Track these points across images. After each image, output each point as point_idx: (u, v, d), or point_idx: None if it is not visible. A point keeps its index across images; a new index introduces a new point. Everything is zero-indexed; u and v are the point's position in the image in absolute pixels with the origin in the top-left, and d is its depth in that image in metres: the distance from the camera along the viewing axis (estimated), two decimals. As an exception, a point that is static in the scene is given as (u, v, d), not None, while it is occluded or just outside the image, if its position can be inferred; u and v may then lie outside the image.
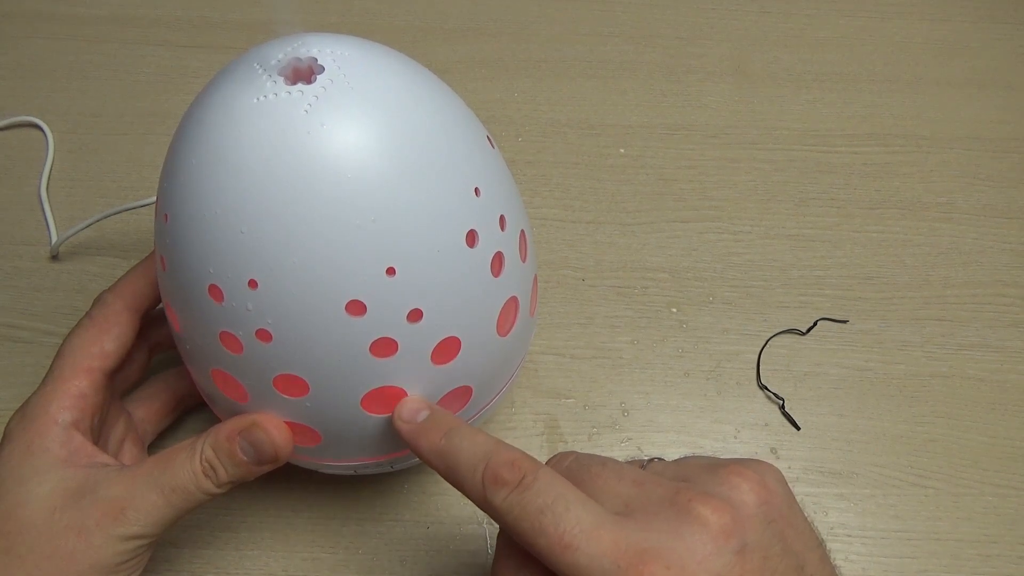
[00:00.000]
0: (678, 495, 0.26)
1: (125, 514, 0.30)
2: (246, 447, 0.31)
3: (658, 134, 0.54)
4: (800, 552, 0.26)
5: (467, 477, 0.28)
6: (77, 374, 0.33)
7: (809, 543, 0.27)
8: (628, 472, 0.28)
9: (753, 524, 0.26)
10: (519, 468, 0.27)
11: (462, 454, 0.28)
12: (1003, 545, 0.41)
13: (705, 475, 0.27)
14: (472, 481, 0.27)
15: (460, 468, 0.28)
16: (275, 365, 0.29)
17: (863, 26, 0.60)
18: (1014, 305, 0.48)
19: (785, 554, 0.26)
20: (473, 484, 0.27)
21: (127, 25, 0.57)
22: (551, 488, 0.26)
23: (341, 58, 0.27)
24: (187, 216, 0.27)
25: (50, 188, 0.50)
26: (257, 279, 0.26)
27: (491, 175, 0.30)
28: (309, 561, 0.39)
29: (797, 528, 0.27)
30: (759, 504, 0.26)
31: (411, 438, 0.30)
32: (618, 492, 0.27)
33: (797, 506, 0.28)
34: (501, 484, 0.26)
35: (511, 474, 0.26)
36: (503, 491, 0.26)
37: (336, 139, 0.26)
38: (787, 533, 0.26)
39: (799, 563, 0.26)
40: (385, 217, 0.26)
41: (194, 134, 0.27)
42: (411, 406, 0.30)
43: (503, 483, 0.26)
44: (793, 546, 0.26)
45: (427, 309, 0.28)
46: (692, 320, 0.47)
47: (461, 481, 0.28)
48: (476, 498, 0.27)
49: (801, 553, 0.26)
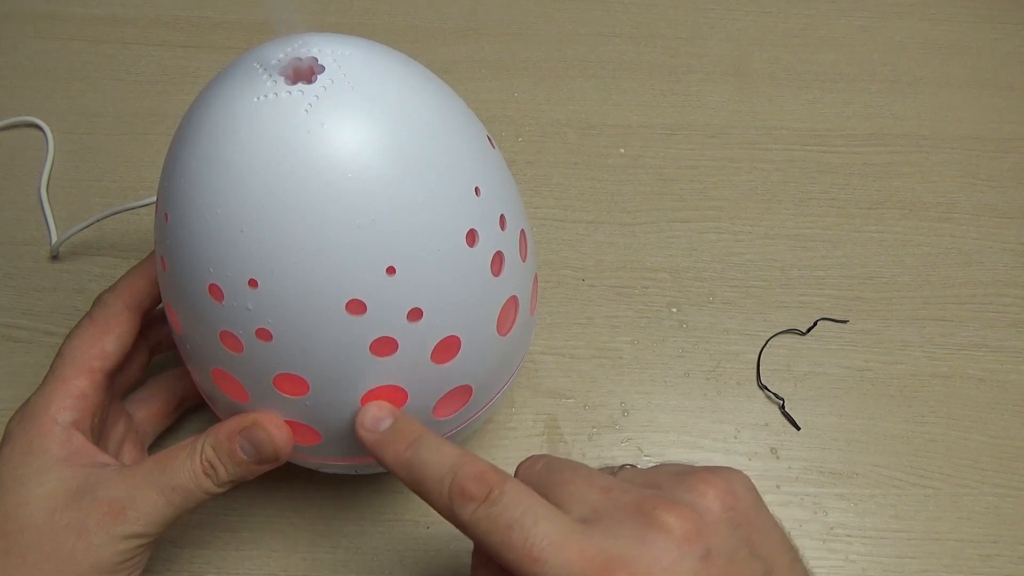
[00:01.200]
0: (644, 502, 0.26)
1: (125, 514, 0.30)
2: (246, 446, 0.31)
3: (658, 134, 0.54)
4: (767, 556, 0.27)
5: (434, 490, 0.27)
6: (77, 374, 0.33)
7: (778, 548, 0.27)
8: (597, 479, 0.28)
9: (718, 529, 0.26)
10: (486, 482, 0.27)
11: (428, 467, 0.28)
12: (1003, 545, 0.41)
13: (673, 482, 0.28)
14: (439, 494, 0.27)
15: (426, 481, 0.28)
16: (275, 364, 0.28)
17: (863, 26, 0.60)
18: (1014, 305, 0.48)
19: (752, 558, 0.26)
20: (440, 497, 0.27)
21: (127, 25, 0.57)
22: (518, 502, 0.26)
23: (341, 58, 0.27)
24: (187, 216, 0.27)
25: (50, 188, 0.50)
26: (257, 278, 0.26)
27: (491, 175, 0.30)
28: (309, 561, 0.39)
29: (765, 533, 0.27)
30: (724, 510, 0.27)
31: (375, 448, 0.29)
32: (586, 498, 0.27)
33: (766, 512, 0.28)
34: (468, 498, 0.26)
35: (478, 488, 0.26)
36: (470, 505, 0.26)
37: (336, 139, 0.26)
38: (754, 538, 0.27)
39: (767, 567, 0.26)
40: (385, 216, 0.26)
41: (194, 134, 0.27)
42: (373, 413, 0.30)
43: (470, 497, 0.26)
44: (760, 551, 0.26)
45: (427, 308, 0.28)
46: (692, 320, 0.47)
47: (428, 493, 0.28)
48: (443, 511, 0.27)
49: (768, 557, 0.27)
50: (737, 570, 0.25)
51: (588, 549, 0.25)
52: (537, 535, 0.25)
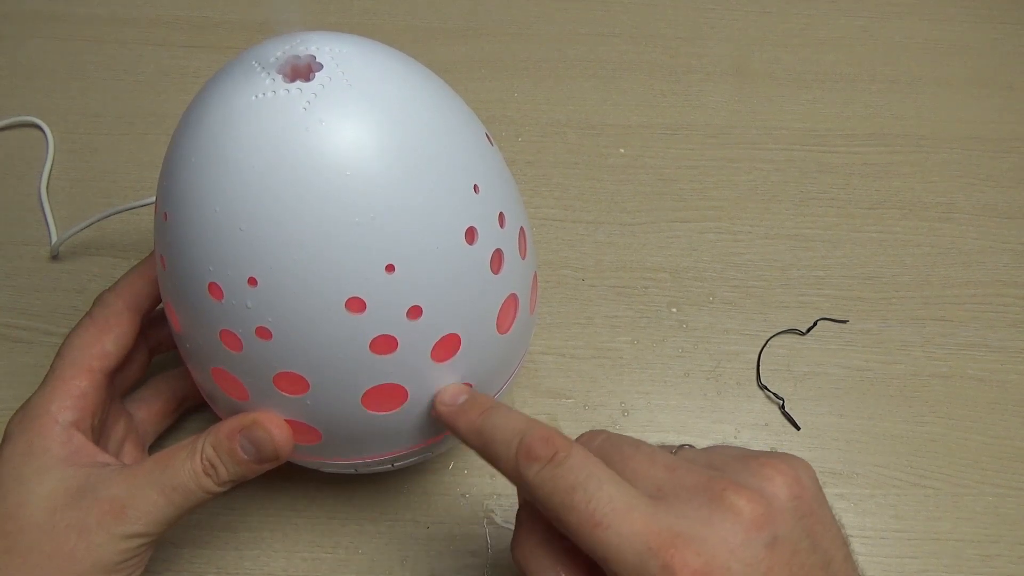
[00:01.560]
0: (712, 483, 0.26)
1: (126, 513, 0.30)
2: (247, 445, 0.31)
3: (658, 134, 0.54)
4: (827, 549, 0.26)
5: (502, 452, 0.28)
6: (78, 374, 0.33)
7: (836, 541, 0.27)
8: (660, 456, 0.28)
9: (785, 518, 0.26)
10: (552, 444, 0.27)
11: (498, 431, 0.28)
12: (1003, 545, 0.41)
13: (738, 465, 0.27)
14: (507, 455, 0.28)
15: (496, 443, 0.28)
16: (275, 363, 0.29)
17: (863, 26, 0.60)
18: (1014, 305, 0.48)
19: (813, 550, 0.26)
20: (508, 458, 0.28)
21: (127, 25, 0.57)
22: (584, 466, 0.26)
23: (339, 56, 0.27)
24: (186, 214, 0.27)
25: (50, 188, 0.50)
26: (257, 277, 0.26)
27: (490, 172, 0.30)
28: (309, 561, 0.39)
29: (826, 525, 0.27)
30: (791, 498, 0.26)
31: (451, 419, 0.30)
32: (650, 475, 0.27)
33: (827, 503, 0.28)
34: (534, 459, 0.27)
35: (544, 449, 0.27)
36: (535, 465, 0.27)
37: (335, 136, 0.26)
38: (816, 529, 0.26)
39: (826, 560, 0.26)
40: (384, 214, 0.26)
41: (193, 132, 0.27)
42: (452, 391, 0.31)
43: (536, 458, 0.27)
44: (821, 543, 0.26)
45: (427, 306, 0.28)
46: (692, 320, 0.47)
47: (496, 456, 0.28)
48: (509, 472, 0.28)
49: (828, 550, 0.26)
50: (800, 560, 0.25)
51: (653, 522, 0.25)
52: (602, 499, 0.25)
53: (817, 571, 0.26)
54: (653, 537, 0.24)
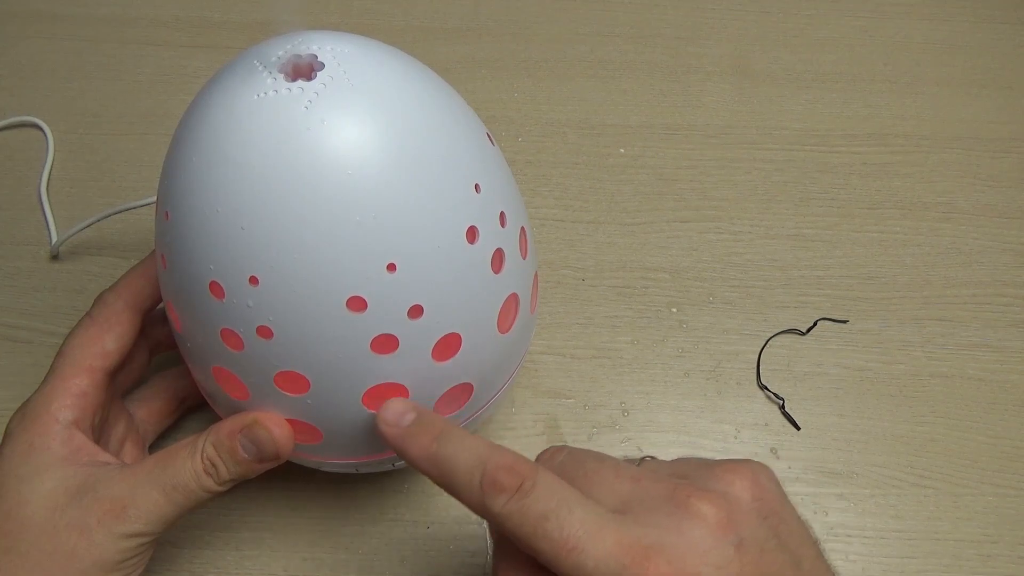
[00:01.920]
0: (676, 491, 0.26)
1: (126, 512, 0.30)
2: (247, 444, 0.31)
3: (658, 134, 0.54)
4: (795, 548, 0.27)
5: (463, 483, 0.27)
6: (78, 373, 0.33)
7: (803, 540, 0.27)
8: (624, 469, 0.28)
9: (749, 519, 0.26)
10: (518, 472, 0.26)
11: (456, 460, 0.27)
12: (1003, 545, 0.41)
13: (701, 472, 0.28)
14: (469, 487, 0.27)
15: (455, 474, 0.27)
16: (276, 362, 0.28)
17: (863, 26, 0.60)
18: (1014, 305, 0.48)
19: (780, 549, 0.26)
20: (470, 491, 0.27)
21: (127, 25, 0.57)
22: (552, 493, 0.26)
23: (341, 55, 0.27)
24: (188, 213, 0.27)
25: (50, 188, 0.50)
26: (258, 276, 0.26)
27: (491, 172, 0.30)
28: (309, 561, 0.39)
29: (790, 525, 0.27)
30: (753, 500, 0.27)
31: (398, 443, 0.29)
32: (615, 489, 0.27)
33: (790, 504, 0.28)
34: (500, 490, 0.26)
35: (509, 479, 0.26)
36: (502, 497, 0.26)
37: (336, 135, 0.26)
38: (781, 529, 0.27)
39: (795, 559, 0.26)
40: (385, 213, 0.26)
41: (195, 131, 0.27)
42: (396, 408, 0.29)
43: (501, 489, 0.26)
44: (788, 542, 0.27)
45: (428, 305, 0.28)
46: (692, 320, 0.47)
47: (457, 488, 0.27)
48: (474, 505, 0.27)
49: (796, 549, 0.27)
50: (768, 559, 0.26)
51: (625, 537, 0.25)
52: (573, 524, 0.25)
53: (787, 569, 0.26)
54: (625, 552, 0.25)
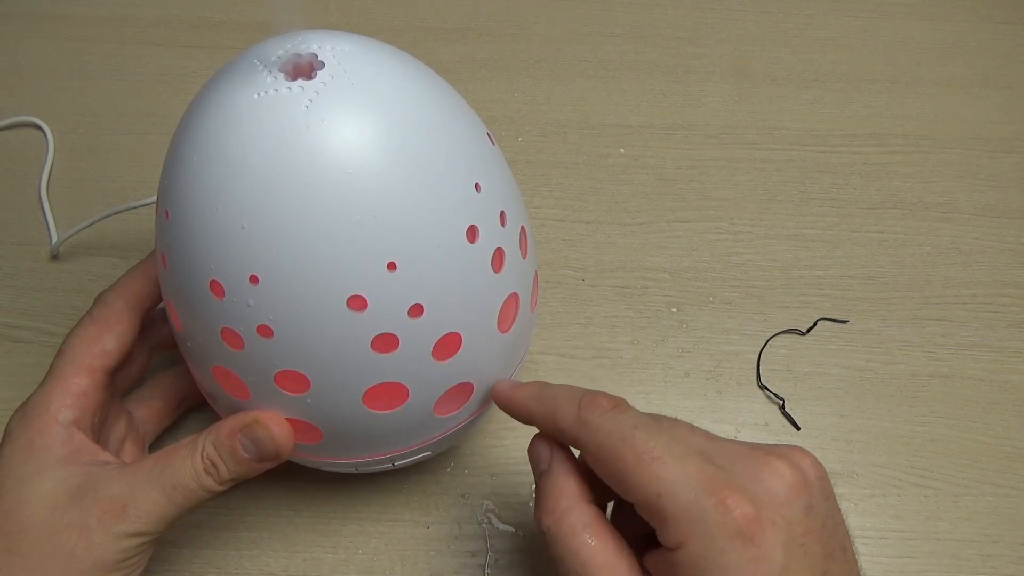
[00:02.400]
0: (754, 450, 0.28)
1: (126, 512, 0.30)
2: (247, 444, 0.31)
3: (658, 134, 0.54)
4: (843, 537, 0.28)
5: (564, 410, 0.30)
6: (78, 372, 0.33)
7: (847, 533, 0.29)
8: (698, 428, 0.29)
9: (816, 491, 0.27)
10: (615, 398, 0.29)
11: (560, 393, 0.30)
12: (1003, 545, 0.41)
13: (764, 446, 0.29)
14: (568, 410, 0.29)
15: (558, 400, 0.30)
16: (276, 361, 0.29)
17: (863, 26, 0.60)
18: (1014, 305, 0.48)
19: (835, 530, 0.28)
20: (569, 412, 0.29)
21: (127, 25, 0.57)
22: (642, 416, 0.29)
23: (341, 54, 0.27)
24: (188, 212, 0.27)
25: (50, 188, 0.50)
26: (258, 275, 0.26)
27: (491, 171, 0.30)
28: (309, 561, 0.39)
29: (839, 516, 0.29)
30: (818, 478, 0.28)
31: (508, 392, 0.32)
32: (692, 442, 0.28)
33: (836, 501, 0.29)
34: (597, 406, 0.29)
35: (607, 401, 0.29)
36: (599, 411, 0.29)
37: (336, 135, 0.26)
38: (835, 515, 0.28)
39: (842, 545, 0.28)
40: (386, 212, 0.26)
41: (195, 130, 0.27)
42: (506, 382, 0.33)
43: (599, 405, 0.29)
44: (839, 528, 0.28)
45: (428, 304, 0.28)
46: (692, 320, 0.47)
47: (556, 410, 0.30)
48: (568, 421, 0.29)
49: (843, 538, 0.28)
50: (827, 535, 0.27)
51: (706, 470, 0.26)
52: (661, 440, 0.27)
53: (838, 552, 0.27)
54: (707, 481, 0.26)
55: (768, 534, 0.25)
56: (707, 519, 0.25)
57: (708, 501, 0.26)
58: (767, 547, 0.25)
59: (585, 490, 0.30)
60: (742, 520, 0.25)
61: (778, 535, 0.26)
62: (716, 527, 0.25)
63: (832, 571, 0.26)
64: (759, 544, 0.25)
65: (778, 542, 0.25)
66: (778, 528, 0.26)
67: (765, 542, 0.25)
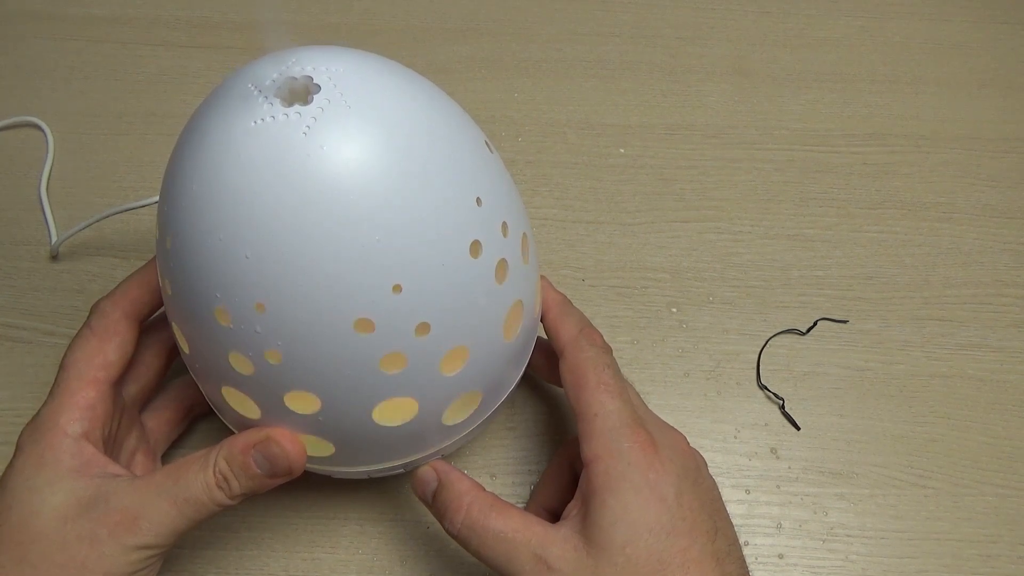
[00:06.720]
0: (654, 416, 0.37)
1: (137, 524, 0.30)
2: (260, 460, 0.31)
3: (658, 134, 0.54)
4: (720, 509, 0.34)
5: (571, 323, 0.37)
6: (84, 385, 0.33)
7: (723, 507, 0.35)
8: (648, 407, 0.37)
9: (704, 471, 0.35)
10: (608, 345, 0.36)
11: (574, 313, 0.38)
12: (1003, 545, 0.41)
13: None
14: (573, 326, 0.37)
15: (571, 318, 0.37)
16: (286, 383, 0.29)
17: (863, 26, 0.60)
18: (1014, 305, 0.48)
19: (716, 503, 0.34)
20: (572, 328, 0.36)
21: (127, 25, 0.57)
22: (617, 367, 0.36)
23: (336, 75, 0.27)
24: (190, 242, 0.27)
25: (50, 188, 0.50)
26: (264, 302, 0.26)
27: (491, 182, 0.30)
28: (309, 561, 0.39)
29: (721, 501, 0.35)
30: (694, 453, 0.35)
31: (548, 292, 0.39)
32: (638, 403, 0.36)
33: None
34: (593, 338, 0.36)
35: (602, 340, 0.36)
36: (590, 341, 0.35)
37: (336, 160, 0.25)
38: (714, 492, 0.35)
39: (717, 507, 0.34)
40: (389, 235, 0.26)
41: (193, 159, 0.27)
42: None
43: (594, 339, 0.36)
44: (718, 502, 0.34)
45: (434, 322, 0.28)
46: (692, 320, 0.47)
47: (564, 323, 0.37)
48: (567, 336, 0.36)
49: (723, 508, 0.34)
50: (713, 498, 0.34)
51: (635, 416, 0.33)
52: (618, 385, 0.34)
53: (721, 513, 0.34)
54: (632, 422, 0.33)
55: (667, 466, 0.32)
56: (621, 443, 0.32)
57: (626, 431, 0.32)
58: (664, 472, 0.32)
59: (478, 485, 0.34)
60: (647, 447, 0.32)
61: (674, 467, 0.32)
62: (627, 451, 0.32)
63: (721, 528, 0.33)
64: (657, 470, 0.32)
65: (673, 472, 0.32)
66: (675, 464, 0.32)
67: (663, 468, 0.32)
